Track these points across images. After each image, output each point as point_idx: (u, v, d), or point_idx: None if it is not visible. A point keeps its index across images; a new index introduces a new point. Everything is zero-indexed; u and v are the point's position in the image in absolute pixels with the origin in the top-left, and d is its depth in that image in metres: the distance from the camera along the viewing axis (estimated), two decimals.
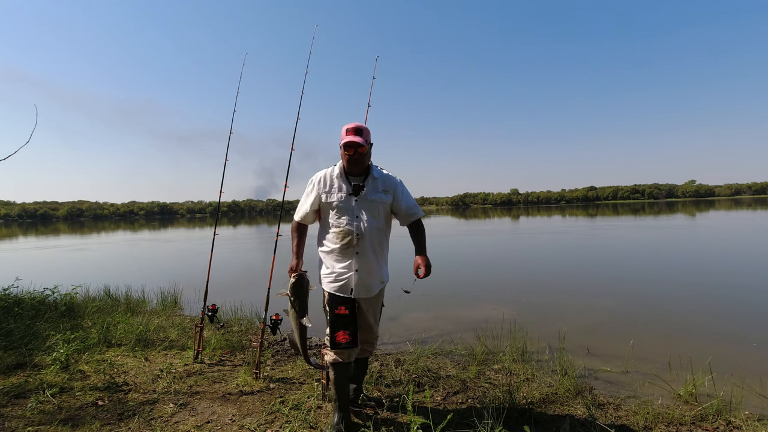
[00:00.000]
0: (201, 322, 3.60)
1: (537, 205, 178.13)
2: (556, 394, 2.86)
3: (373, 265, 2.37)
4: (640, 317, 5.32)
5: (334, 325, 2.33)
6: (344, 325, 2.31)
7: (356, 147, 2.27)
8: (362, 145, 2.27)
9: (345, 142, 2.26)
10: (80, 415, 2.57)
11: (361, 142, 2.25)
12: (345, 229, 2.31)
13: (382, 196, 2.36)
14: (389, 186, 2.41)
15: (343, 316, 2.32)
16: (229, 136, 3.92)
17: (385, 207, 2.39)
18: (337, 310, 2.33)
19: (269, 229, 33.23)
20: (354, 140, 2.24)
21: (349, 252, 2.33)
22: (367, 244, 2.32)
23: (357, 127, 2.31)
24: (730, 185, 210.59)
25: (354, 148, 2.27)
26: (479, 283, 8.02)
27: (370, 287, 2.39)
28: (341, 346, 2.30)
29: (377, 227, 2.36)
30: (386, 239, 2.48)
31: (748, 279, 7.46)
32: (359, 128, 2.31)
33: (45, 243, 24.62)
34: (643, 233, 17.83)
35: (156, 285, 6.74)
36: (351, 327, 2.32)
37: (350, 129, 2.29)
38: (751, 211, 34.40)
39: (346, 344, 2.29)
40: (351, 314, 2.33)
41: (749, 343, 4.20)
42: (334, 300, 2.35)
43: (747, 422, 2.44)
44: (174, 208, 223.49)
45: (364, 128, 2.33)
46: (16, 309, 4.55)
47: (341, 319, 2.32)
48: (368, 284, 2.37)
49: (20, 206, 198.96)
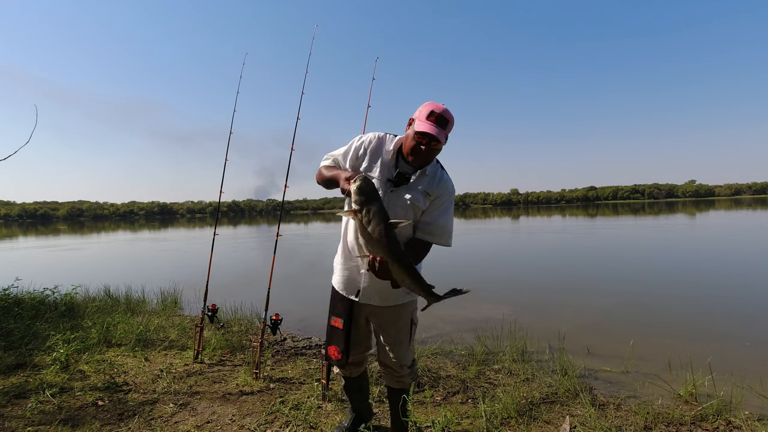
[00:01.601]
0: (201, 322, 3.60)
1: (537, 205, 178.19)
2: (556, 394, 2.86)
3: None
4: (640, 317, 5.33)
5: (328, 335, 2.05)
6: (336, 339, 1.99)
7: (431, 140, 1.74)
8: (440, 141, 1.75)
9: (421, 130, 1.71)
10: (80, 415, 2.57)
11: (440, 138, 1.72)
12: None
13: (419, 196, 1.82)
14: (434, 189, 1.85)
15: (335, 329, 2.00)
16: (229, 136, 3.93)
17: (416, 212, 1.85)
18: (333, 321, 2.01)
19: (269, 229, 33.23)
20: (432, 133, 1.69)
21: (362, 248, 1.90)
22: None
23: (443, 115, 1.72)
24: (730, 185, 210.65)
25: (429, 140, 1.74)
26: (479, 283, 8.02)
27: (385, 294, 1.90)
28: (331, 361, 2.04)
29: (404, 227, 1.86)
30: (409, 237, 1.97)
31: (748, 279, 7.45)
32: (445, 118, 1.73)
33: (45, 243, 24.61)
34: (643, 233, 17.82)
35: (156, 285, 6.74)
36: (342, 344, 1.97)
37: (435, 114, 1.72)
38: (751, 211, 34.40)
39: (336, 361, 2.01)
40: (345, 329, 1.97)
41: (749, 343, 4.20)
42: (334, 302, 2.05)
43: (747, 422, 2.44)
44: (174, 208, 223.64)
45: (451, 119, 1.76)
46: (16, 309, 4.55)
47: (334, 332, 2.01)
48: (382, 290, 1.89)
49: (20, 206, 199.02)
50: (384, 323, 2.00)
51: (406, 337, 2.02)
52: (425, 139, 1.73)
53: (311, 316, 5.41)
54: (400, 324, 2.00)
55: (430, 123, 1.71)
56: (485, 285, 7.82)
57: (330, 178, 1.82)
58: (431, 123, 1.71)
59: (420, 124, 1.71)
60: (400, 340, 2.02)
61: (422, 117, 1.73)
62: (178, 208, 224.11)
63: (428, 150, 1.75)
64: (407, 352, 2.04)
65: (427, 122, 1.71)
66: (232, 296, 5.65)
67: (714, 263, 9.35)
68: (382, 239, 1.57)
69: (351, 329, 1.99)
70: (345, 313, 1.97)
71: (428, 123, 1.71)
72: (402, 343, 2.02)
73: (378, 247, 1.59)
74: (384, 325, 2.01)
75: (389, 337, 2.01)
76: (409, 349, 2.04)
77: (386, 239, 1.57)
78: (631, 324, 5.00)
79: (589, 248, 13.25)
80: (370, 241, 1.60)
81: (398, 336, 2.01)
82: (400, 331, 2.01)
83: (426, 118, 1.72)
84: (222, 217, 74.52)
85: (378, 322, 2.02)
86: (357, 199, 1.59)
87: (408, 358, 2.04)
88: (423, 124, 1.71)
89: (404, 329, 2.02)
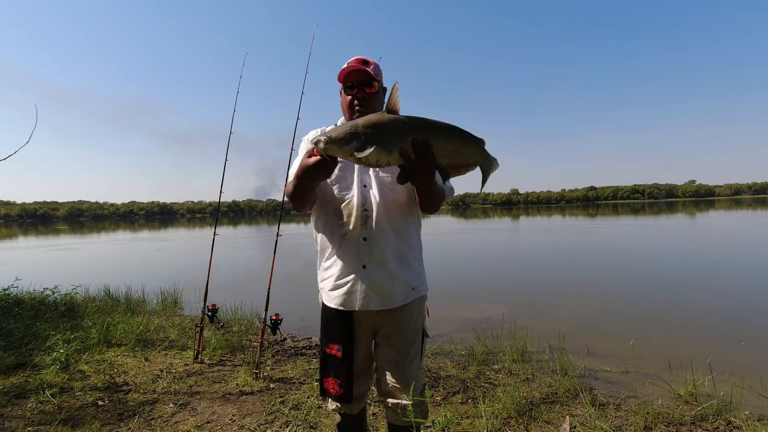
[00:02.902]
0: (201, 322, 3.60)
1: (537, 205, 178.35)
2: (556, 394, 2.86)
3: (390, 258, 1.55)
4: (641, 317, 5.32)
5: (323, 364, 1.65)
6: (335, 370, 1.60)
7: (361, 83, 1.55)
8: (371, 80, 1.55)
9: (345, 75, 1.55)
10: (80, 415, 2.57)
11: (368, 73, 1.54)
12: (348, 204, 1.56)
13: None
14: None
15: (332, 359, 1.60)
16: (229, 136, 3.91)
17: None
18: (328, 348, 1.61)
19: (269, 229, 33.23)
20: (358, 70, 1.53)
21: (353, 239, 1.54)
22: (380, 225, 1.54)
23: (361, 58, 1.60)
24: (730, 185, 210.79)
25: (358, 84, 1.55)
26: (479, 283, 8.02)
27: (388, 293, 1.55)
28: (330, 397, 1.63)
29: (394, 199, 1.57)
30: (411, 218, 1.63)
31: (748, 279, 7.45)
32: (363, 59, 1.60)
33: (45, 243, 24.62)
34: (643, 233, 17.83)
35: (156, 285, 6.74)
36: (344, 374, 1.59)
37: (353, 60, 1.60)
38: (751, 211, 34.40)
39: (336, 396, 1.61)
40: (346, 357, 1.58)
41: (749, 343, 4.20)
42: (327, 324, 1.63)
43: (747, 422, 2.44)
44: (174, 208, 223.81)
45: (370, 60, 1.61)
46: (16, 309, 4.56)
47: (331, 361, 1.61)
48: (384, 288, 1.54)
49: (20, 206, 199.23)
50: (389, 333, 1.61)
51: (416, 351, 1.63)
52: (354, 88, 1.55)
53: (311, 316, 5.40)
54: (409, 333, 1.61)
55: (352, 65, 1.56)
56: (485, 285, 7.82)
57: (297, 177, 1.40)
58: (353, 64, 1.57)
59: (342, 75, 1.57)
60: (409, 355, 1.61)
61: (341, 74, 1.58)
62: (178, 208, 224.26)
63: (364, 98, 1.55)
64: (417, 371, 1.63)
65: (346, 69, 1.56)
66: (232, 296, 5.65)
67: (714, 263, 9.34)
68: (407, 123, 1.27)
69: (354, 355, 1.60)
70: (344, 336, 1.58)
71: (346, 68, 1.56)
72: (412, 359, 1.61)
73: (409, 131, 1.26)
74: (389, 336, 1.61)
75: (394, 352, 1.60)
76: (419, 368, 1.65)
77: (409, 118, 1.27)
78: (631, 324, 5.00)
79: (589, 248, 13.25)
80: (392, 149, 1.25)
81: (406, 349, 1.61)
82: (409, 343, 1.61)
83: (343, 70, 1.57)
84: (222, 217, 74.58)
85: (382, 334, 1.62)
86: (339, 147, 1.23)
87: (418, 381, 1.61)
88: (343, 72, 1.56)
89: (414, 340, 1.63)
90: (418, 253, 1.67)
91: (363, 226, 1.53)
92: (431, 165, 1.29)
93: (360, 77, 1.55)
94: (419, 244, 1.68)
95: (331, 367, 1.61)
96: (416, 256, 1.64)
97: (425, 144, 1.25)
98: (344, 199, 1.56)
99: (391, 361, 1.61)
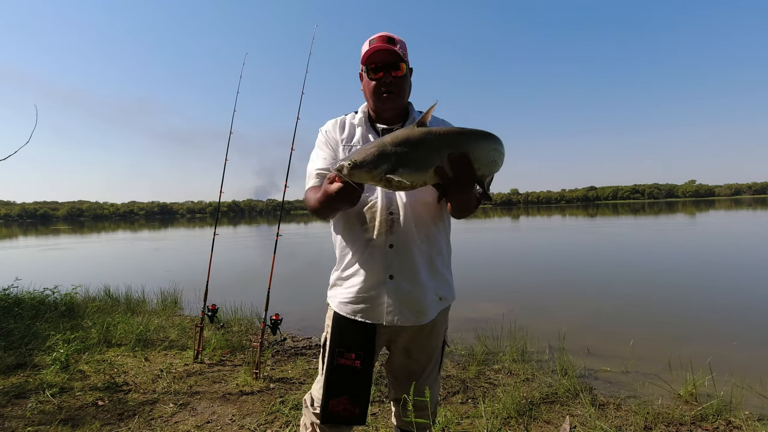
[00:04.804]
0: (201, 322, 3.60)
1: (537, 205, 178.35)
2: (556, 394, 2.86)
3: (421, 267, 1.38)
4: (641, 317, 5.32)
5: (330, 380, 1.38)
6: (350, 385, 1.36)
7: (387, 66, 1.35)
8: (399, 61, 1.36)
9: (370, 54, 1.35)
10: (80, 415, 2.57)
11: (396, 53, 1.35)
12: (371, 207, 1.38)
13: None
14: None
15: (348, 370, 1.36)
16: (229, 136, 3.92)
17: None
18: (343, 359, 1.36)
19: (269, 229, 33.23)
20: (383, 50, 1.34)
21: (378, 246, 1.36)
22: (408, 230, 1.36)
23: (384, 36, 1.38)
24: (730, 185, 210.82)
25: (384, 67, 1.35)
26: (479, 283, 8.02)
27: (420, 308, 1.37)
28: (339, 420, 1.37)
29: (423, 200, 1.38)
30: (441, 221, 1.46)
31: (748, 279, 7.45)
32: (389, 37, 1.38)
33: (45, 243, 24.61)
34: (643, 233, 17.82)
35: (156, 285, 6.73)
36: (363, 391, 1.37)
37: (376, 38, 1.38)
38: (751, 211, 34.39)
39: (347, 418, 1.36)
40: (365, 368, 1.37)
41: (749, 343, 4.20)
42: (340, 332, 1.40)
43: (747, 422, 2.44)
44: (174, 208, 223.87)
45: (396, 37, 1.40)
46: (16, 309, 4.55)
47: (345, 375, 1.36)
48: (415, 300, 1.37)
49: (20, 206, 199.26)
50: (408, 345, 1.46)
51: (436, 364, 1.53)
52: (380, 71, 1.35)
53: (311, 316, 5.40)
54: (432, 347, 1.49)
55: (378, 44, 1.36)
56: (485, 285, 7.82)
57: (322, 200, 1.25)
58: (379, 43, 1.36)
59: (366, 55, 1.37)
60: (428, 368, 1.50)
61: (364, 50, 1.39)
62: (178, 208, 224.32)
63: (392, 82, 1.36)
64: (433, 384, 1.52)
65: (369, 50, 1.36)
66: (232, 296, 5.65)
67: (714, 263, 9.34)
68: (442, 136, 1.15)
69: (371, 368, 1.40)
70: (364, 345, 1.37)
71: (374, 46, 1.36)
72: (431, 373, 1.51)
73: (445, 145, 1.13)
74: (408, 348, 1.46)
75: (415, 364, 1.47)
76: (436, 380, 1.55)
77: (442, 131, 1.16)
78: (631, 324, 5.00)
79: (589, 248, 13.25)
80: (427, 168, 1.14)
81: (424, 361, 1.48)
82: (430, 356, 1.49)
83: (368, 45, 1.38)
84: (222, 217, 74.57)
85: (400, 343, 1.46)
86: (368, 172, 1.10)
87: (434, 393, 1.51)
88: (367, 51, 1.37)
89: (436, 354, 1.52)
90: (447, 259, 1.51)
91: (389, 232, 1.36)
92: (471, 180, 1.17)
93: (386, 58, 1.35)
94: (449, 249, 1.52)
95: (344, 380, 1.37)
96: (445, 262, 1.49)
97: (464, 159, 1.13)
98: (367, 201, 1.38)
99: (409, 371, 1.50)
